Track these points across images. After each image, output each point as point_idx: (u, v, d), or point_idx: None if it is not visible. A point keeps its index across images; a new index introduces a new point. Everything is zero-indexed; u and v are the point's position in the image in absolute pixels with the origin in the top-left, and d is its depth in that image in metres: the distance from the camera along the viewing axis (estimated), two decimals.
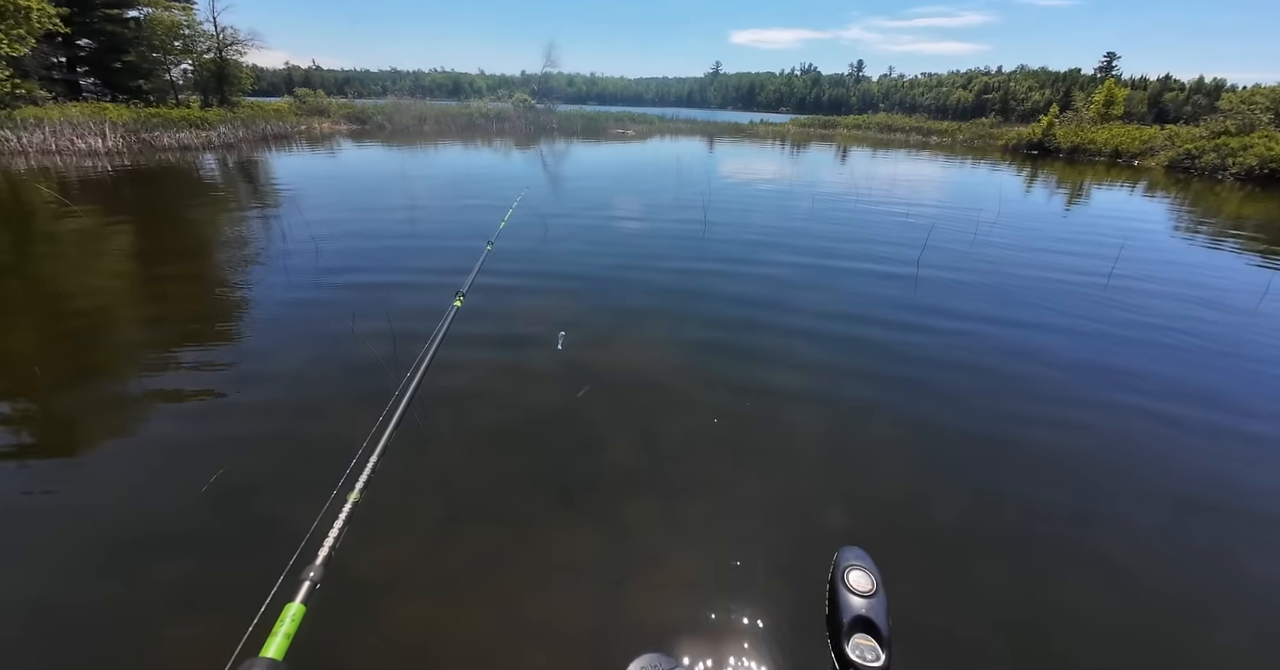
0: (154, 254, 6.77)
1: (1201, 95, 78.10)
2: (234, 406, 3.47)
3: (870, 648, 1.27)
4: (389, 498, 2.57)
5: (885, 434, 3.40)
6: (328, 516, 1.18)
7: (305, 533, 1.25)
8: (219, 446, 3.06)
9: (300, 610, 0.97)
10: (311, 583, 1.02)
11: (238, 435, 3.18)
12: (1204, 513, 2.88)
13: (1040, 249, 8.23)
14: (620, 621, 2.15)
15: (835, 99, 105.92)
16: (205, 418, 3.36)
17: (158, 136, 16.86)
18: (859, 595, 1.40)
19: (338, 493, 1.31)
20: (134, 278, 5.86)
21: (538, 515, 2.64)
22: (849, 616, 1.34)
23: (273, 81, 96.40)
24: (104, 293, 5.34)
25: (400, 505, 2.63)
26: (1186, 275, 7.08)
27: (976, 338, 4.91)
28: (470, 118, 32.52)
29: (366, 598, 2.16)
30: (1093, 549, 2.60)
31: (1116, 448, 3.37)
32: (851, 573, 1.45)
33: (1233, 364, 4.59)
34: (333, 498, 1.31)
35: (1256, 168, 18.41)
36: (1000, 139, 30.66)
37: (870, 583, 1.43)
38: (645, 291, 5.72)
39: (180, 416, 3.39)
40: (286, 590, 1.01)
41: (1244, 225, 11.12)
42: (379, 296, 5.23)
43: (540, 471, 2.95)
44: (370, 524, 2.25)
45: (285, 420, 3.37)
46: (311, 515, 1.35)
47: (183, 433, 3.22)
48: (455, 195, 10.96)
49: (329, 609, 1.95)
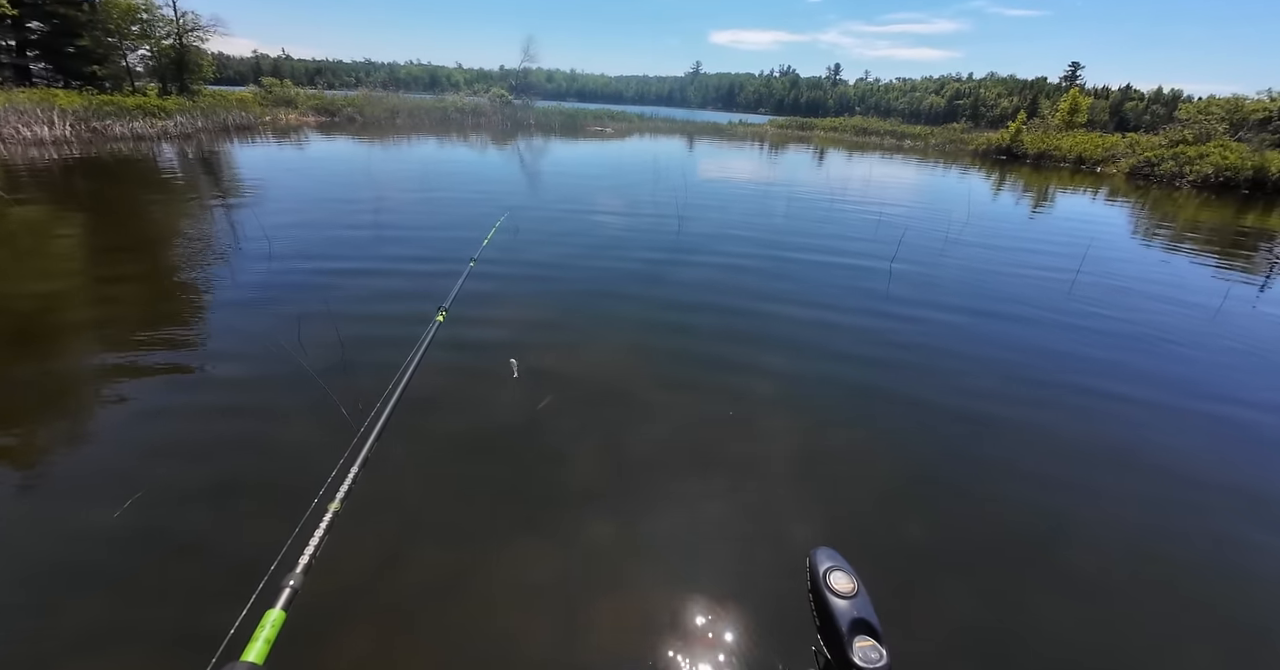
0: (96, 251, 6.36)
1: (1160, 105, 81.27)
2: (197, 410, 3.25)
3: (873, 647, 1.29)
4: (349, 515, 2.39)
5: (856, 437, 3.35)
6: (307, 526, 1.22)
7: (284, 541, 1.30)
8: (185, 453, 2.87)
9: (280, 617, 1.00)
10: (292, 590, 1.05)
11: (210, 439, 2.99)
12: (1143, 472, 3.16)
13: (1010, 248, 8.40)
14: (582, 639, 2.02)
15: (813, 101, 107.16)
16: (174, 420, 3.13)
17: (109, 125, 16.03)
18: (844, 597, 1.39)
19: (318, 502, 1.33)
20: (70, 277, 5.48)
21: (501, 532, 2.49)
22: (846, 622, 1.33)
23: (240, 70, 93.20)
24: (37, 296, 4.97)
25: (358, 522, 2.45)
26: (1149, 274, 7.28)
27: (951, 329, 5.05)
28: (445, 112, 31.88)
29: (319, 620, 1.99)
30: (1062, 521, 2.72)
31: (1081, 428, 3.52)
32: (832, 575, 1.45)
33: (1192, 354, 4.80)
34: (313, 507, 1.33)
35: (1212, 176, 19.14)
36: (971, 144, 31.36)
37: (851, 582, 1.44)
38: (612, 293, 5.59)
39: (148, 418, 3.15)
40: (267, 597, 1.04)
41: (1200, 229, 11.53)
42: (341, 299, 4.98)
43: (503, 485, 2.79)
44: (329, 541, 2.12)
45: (256, 427, 3.16)
46: (289, 524, 1.40)
47: (154, 434, 3.01)
48: (423, 188, 10.64)
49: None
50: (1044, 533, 2.69)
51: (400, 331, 4.13)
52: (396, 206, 9.07)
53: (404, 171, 13.06)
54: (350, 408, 3.20)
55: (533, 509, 2.64)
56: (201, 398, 3.40)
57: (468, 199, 9.88)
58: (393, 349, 3.68)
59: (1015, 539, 2.64)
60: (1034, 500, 2.91)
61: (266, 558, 1.26)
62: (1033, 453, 3.30)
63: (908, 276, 6.52)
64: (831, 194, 12.64)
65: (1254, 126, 23.05)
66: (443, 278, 5.32)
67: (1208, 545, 2.67)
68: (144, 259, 6.11)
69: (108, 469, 2.76)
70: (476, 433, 3.19)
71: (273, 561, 1.24)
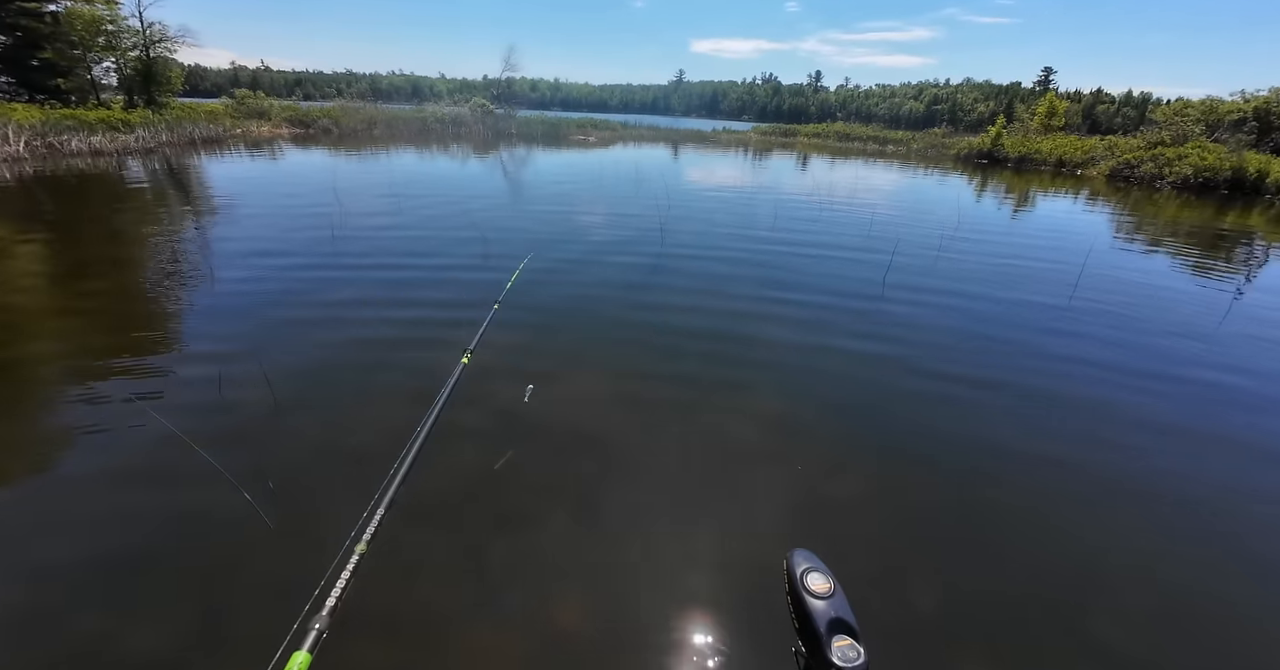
0: (32, 275, 5.83)
1: (1131, 107, 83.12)
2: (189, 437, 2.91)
3: (851, 646, 1.30)
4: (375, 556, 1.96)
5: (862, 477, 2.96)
6: (335, 568, 1.22)
7: (315, 585, 1.27)
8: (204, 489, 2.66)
9: (306, 659, 1.02)
10: (318, 632, 1.07)
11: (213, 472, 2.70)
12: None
13: (1007, 255, 8.14)
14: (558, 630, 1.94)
15: (795, 108, 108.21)
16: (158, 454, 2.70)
17: (66, 141, 15.34)
18: (822, 598, 1.40)
19: (347, 545, 1.31)
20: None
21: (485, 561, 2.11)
22: (823, 622, 1.34)
23: (217, 82, 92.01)
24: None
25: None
26: (1150, 280, 7.04)
27: (958, 348, 4.74)
28: (424, 122, 31.41)
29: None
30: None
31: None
32: (809, 576, 1.46)
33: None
34: (344, 549, 1.30)
35: (1191, 177, 19.27)
36: (952, 148, 31.55)
37: (828, 582, 1.44)
38: (596, 311, 5.19)
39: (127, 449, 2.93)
40: (295, 639, 1.07)
41: (1180, 231, 11.43)
42: (328, 330, 4.52)
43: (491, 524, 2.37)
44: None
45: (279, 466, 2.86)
46: (320, 566, 1.39)
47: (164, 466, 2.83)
48: (392, 211, 10.17)
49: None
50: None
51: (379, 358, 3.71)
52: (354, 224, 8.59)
53: (372, 182, 12.57)
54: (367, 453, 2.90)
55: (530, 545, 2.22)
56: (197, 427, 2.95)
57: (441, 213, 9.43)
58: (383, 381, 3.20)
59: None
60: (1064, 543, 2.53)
61: (297, 599, 1.26)
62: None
63: (904, 291, 6.19)
64: (819, 202, 12.39)
65: (1230, 127, 23.38)
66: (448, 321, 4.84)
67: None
68: (110, 277, 5.59)
69: (102, 508, 2.60)
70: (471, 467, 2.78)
71: (301, 603, 1.23)
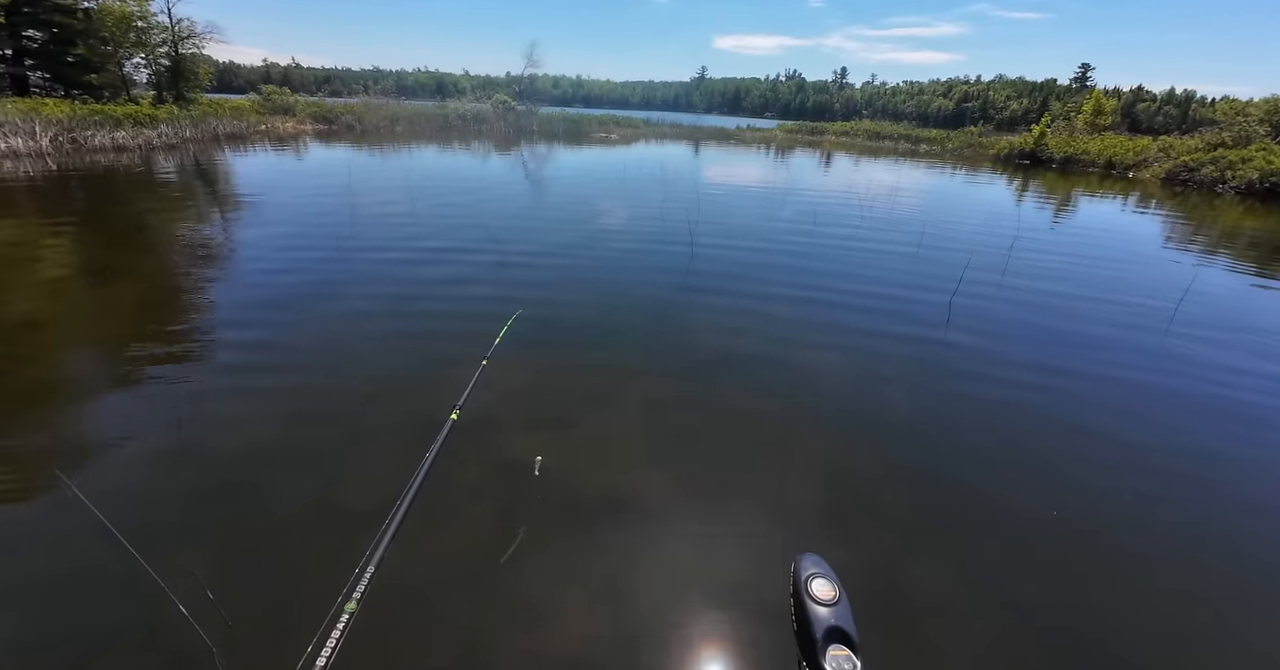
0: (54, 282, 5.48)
1: (1172, 106, 79.54)
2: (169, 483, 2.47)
3: (847, 658, 1.27)
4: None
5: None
6: (325, 627, 1.20)
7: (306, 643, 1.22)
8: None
9: None
10: None
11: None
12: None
13: (1092, 283, 7.06)
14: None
15: (819, 105, 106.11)
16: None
17: (90, 136, 15.28)
18: (824, 604, 1.37)
19: (338, 604, 1.28)
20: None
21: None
22: (821, 629, 1.32)
23: (250, 79, 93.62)
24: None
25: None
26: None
27: (1036, 400, 3.95)
28: (445, 119, 31.19)
29: None
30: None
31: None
32: (813, 582, 1.43)
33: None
34: (335, 608, 1.27)
35: (1257, 181, 17.97)
36: (991, 148, 30.25)
37: (833, 590, 1.42)
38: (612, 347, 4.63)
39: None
40: None
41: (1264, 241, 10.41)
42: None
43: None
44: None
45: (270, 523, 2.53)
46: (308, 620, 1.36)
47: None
48: (408, 208, 9.75)
49: None
50: None
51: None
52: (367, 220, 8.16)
53: (388, 183, 12.18)
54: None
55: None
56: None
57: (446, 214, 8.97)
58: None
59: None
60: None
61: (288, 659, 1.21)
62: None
63: (974, 329, 5.43)
64: (861, 215, 11.65)
65: None
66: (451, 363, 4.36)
67: None
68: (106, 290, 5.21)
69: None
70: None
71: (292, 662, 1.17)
